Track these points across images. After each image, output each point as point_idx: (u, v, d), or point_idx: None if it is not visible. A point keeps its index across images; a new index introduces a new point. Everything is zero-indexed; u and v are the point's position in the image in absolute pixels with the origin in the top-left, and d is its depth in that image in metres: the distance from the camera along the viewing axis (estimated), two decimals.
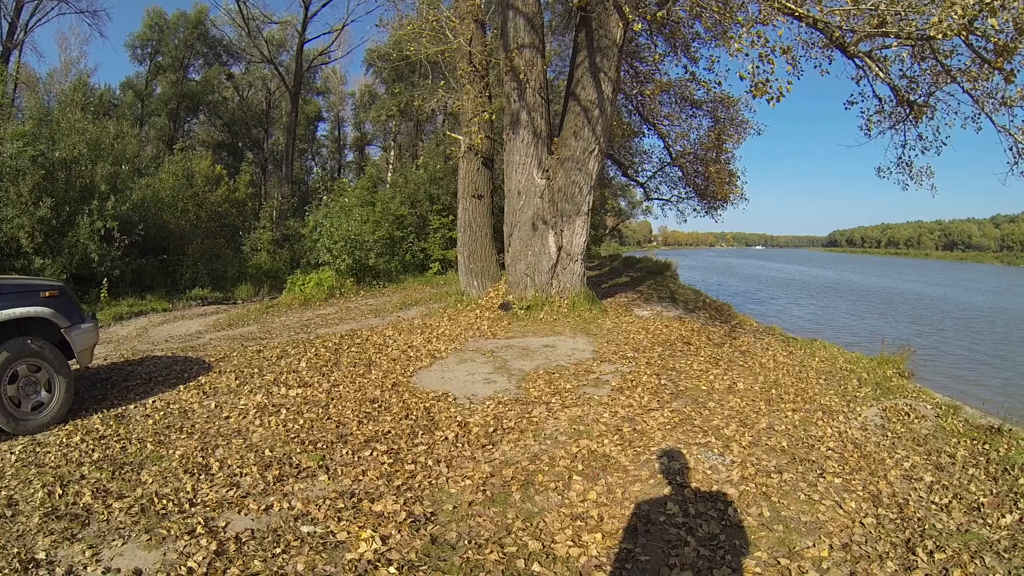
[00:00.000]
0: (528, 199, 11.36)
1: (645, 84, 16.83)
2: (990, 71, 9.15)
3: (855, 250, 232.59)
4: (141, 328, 12.78)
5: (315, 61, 39.36)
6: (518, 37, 11.01)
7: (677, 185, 22.60)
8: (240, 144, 43.71)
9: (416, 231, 22.07)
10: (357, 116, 50.05)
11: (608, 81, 10.88)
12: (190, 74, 41.43)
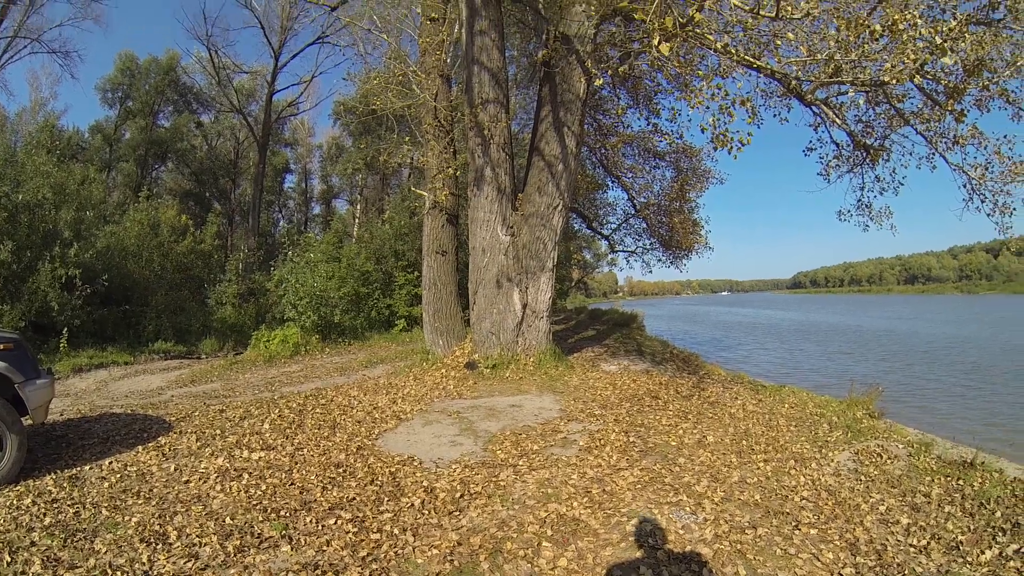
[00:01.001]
0: (492, 256, 11.41)
1: (608, 137, 17.28)
2: (942, 112, 9.60)
3: (819, 290, 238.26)
4: (101, 381, 12.47)
5: (284, 112, 39.69)
6: (483, 92, 11.16)
7: (642, 236, 23.00)
8: (207, 194, 43.58)
9: (382, 287, 22.03)
10: (324, 169, 50.54)
11: (572, 135, 11.07)
12: (159, 120, 41.52)
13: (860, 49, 7.31)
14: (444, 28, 12.29)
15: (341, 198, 51.68)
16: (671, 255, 22.23)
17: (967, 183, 10.72)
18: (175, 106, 42.18)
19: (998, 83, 9.31)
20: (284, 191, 51.82)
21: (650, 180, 19.93)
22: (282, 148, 48.29)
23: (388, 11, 13.89)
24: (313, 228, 48.14)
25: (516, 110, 18.18)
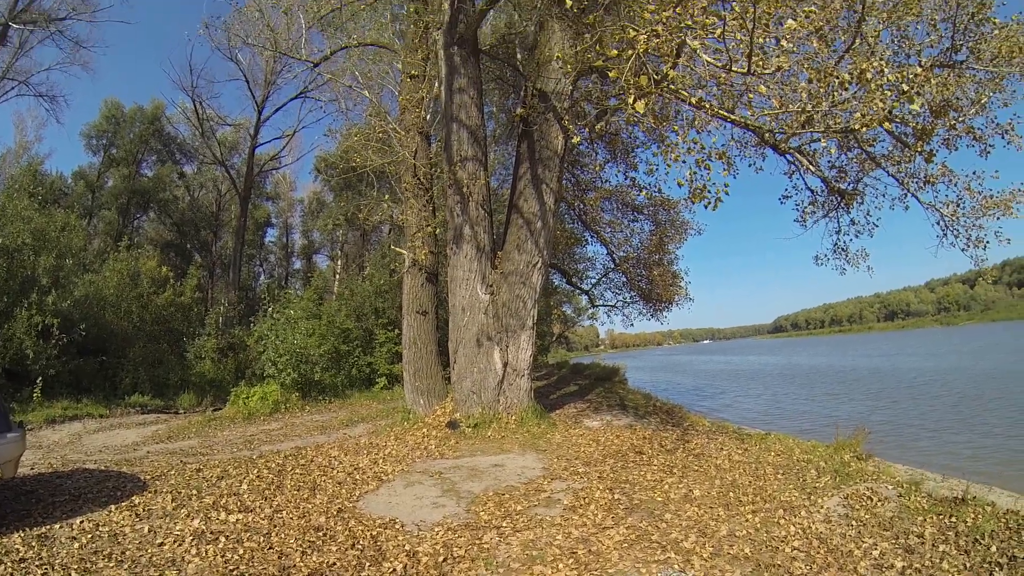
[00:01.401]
0: (472, 315, 11.40)
1: (587, 192, 17.55)
2: (912, 154, 9.87)
3: (800, 333, 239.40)
4: (75, 434, 12.22)
5: (266, 166, 39.92)
6: (461, 150, 11.28)
7: (622, 290, 23.04)
8: (189, 245, 43.41)
9: (362, 345, 21.96)
10: (305, 223, 50.61)
11: (550, 192, 11.19)
12: (143, 169, 41.44)
13: (830, 98, 7.55)
14: (424, 85, 12.53)
15: (322, 253, 51.75)
16: (651, 308, 22.31)
17: (940, 220, 10.98)
18: (159, 156, 42.27)
19: (964, 121, 9.69)
20: (265, 245, 51.77)
21: (629, 234, 20.24)
22: (264, 202, 48.42)
23: (370, 67, 14.18)
24: (294, 283, 48.02)
25: (495, 165, 18.47)
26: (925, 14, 9.44)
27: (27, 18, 26.64)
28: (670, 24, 6.77)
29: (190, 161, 43.34)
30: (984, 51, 9.39)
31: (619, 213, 19.45)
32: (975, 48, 9.44)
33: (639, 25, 6.94)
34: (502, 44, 13.93)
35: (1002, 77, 9.61)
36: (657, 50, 7.01)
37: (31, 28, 27.05)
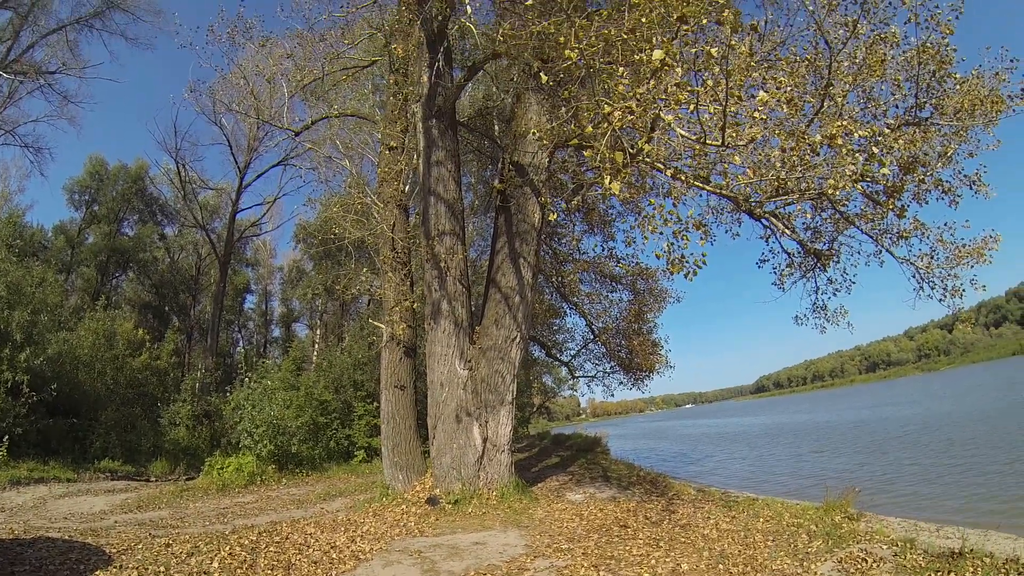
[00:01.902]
0: (451, 391, 11.24)
1: (565, 264, 17.64)
2: (884, 211, 9.93)
3: (783, 391, 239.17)
4: (40, 498, 11.77)
5: (246, 232, 39.96)
6: (439, 224, 11.29)
7: (601, 361, 22.86)
8: (167, 308, 43.04)
9: (340, 417, 21.67)
10: (285, 292, 50.56)
11: (528, 266, 11.16)
12: (124, 228, 41.36)
13: (803, 162, 7.65)
14: (403, 157, 12.62)
15: (301, 322, 51.69)
16: (632, 377, 22.13)
17: (916, 273, 11.04)
18: (140, 215, 42.24)
19: (932, 175, 9.87)
20: (244, 311, 51.58)
21: (607, 304, 20.25)
22: (244, 268, 48.42)
23: (350, 136, 14.32)
24: (272, 351, 47.64)
25: (474, 237, 18.60)
26: (889, 74, 9.71)
27: (18, 68, 26.91)
28: (644, 99, 6.88)
29: (171, 223, 43.38)
30: (947, 106, 9.65)
31: (597, 284, 19.54)
32: (939, 104, 9.70)
33: (613, 99, 7.05)
34: (480, 116, 14.16)
35: (966, 129, 9.84)
36: (632, 125, 7.10)
37: (21, 79, 27.29)
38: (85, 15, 28.04)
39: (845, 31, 9.13)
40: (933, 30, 9.30)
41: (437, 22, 10.41)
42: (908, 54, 9.56)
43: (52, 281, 20.03)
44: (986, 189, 10.55)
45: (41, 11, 27.51)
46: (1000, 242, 10.30)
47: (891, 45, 9.41)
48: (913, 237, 10.89)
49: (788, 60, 8.89)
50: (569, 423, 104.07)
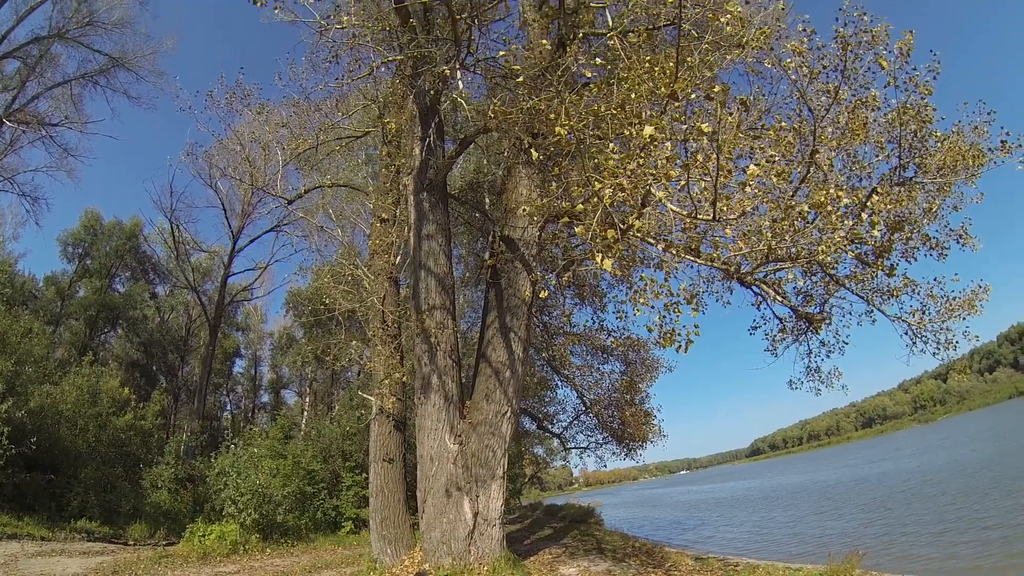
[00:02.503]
0: (441, 465, 11.00)
1: (555, 337, 17.55)
2: (873, 271, 9.96)
3: (779, 453, 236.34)
4: (11, 556, 11.37)
5: (238, 296, 39.88)
6: (429, 298, 11.23)
7: (594, 432, 22.54)
8: (155, 367, 42.64)
9: (328, 487, 21.30)
10: (275, 358, 50.25)
11: (519, 341, 11.06)
12: (115, 284, 41.25)
13: (792, 229, 7.66)
14: (394, 229, 12.66)
15: (290, 389, 51.26)
16: (625, 447, 21.75)
17: (908, 330, 11.01)
18: (133, 273, 42.23)
19: (919, 232, 10.01)
20: (233, 375, 51.11)
21: (599, 376, 20.09)
22: (234, 332, 48.25)
23: (343, 205, 14.40)
24: (261, 417, 47.07)
25: (465, 309, 18.58)
26: (872, 137, 9.86)
27: (21, 118, 27.13)
28: (635, 176, 6.92)
29: (163, 282, 43.35)
30: (930, 164, 9.75)
31: (589, 356, 19.44)
32: (922, 162, 9.80)
33: (604, 175, 7.09)
34: (471, 189, 14.27)
35: (950, 184, 9.94)
36: (623, 202, 7.12)
37: (24, 128, 27.48)
38: (91, 71, 28.61)
39: (827, 98, 9.28)
40: (912, 92, 9.45)
41: (430, 96, 10.55)
42: (889, 116, 9.69)
43: (39, 332, 19.80)
44: (973, 241, 10.67)
45: (48, 64, 28.04)
46: (990, 292, 10.37)
47: (872, 108, 9.57)
48: (904, 294, 10.92)
49: (775, 128, 9.00)
50: (562, 493, 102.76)
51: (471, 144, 11.23)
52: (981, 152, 9.83)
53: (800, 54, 9.24)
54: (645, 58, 8.46)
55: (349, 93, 13.10)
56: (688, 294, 7.59)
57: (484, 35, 10.47)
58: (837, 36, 9.25)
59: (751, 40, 9.55)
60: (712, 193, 7.08)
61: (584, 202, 7.78)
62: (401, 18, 10.04)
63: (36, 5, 26.48)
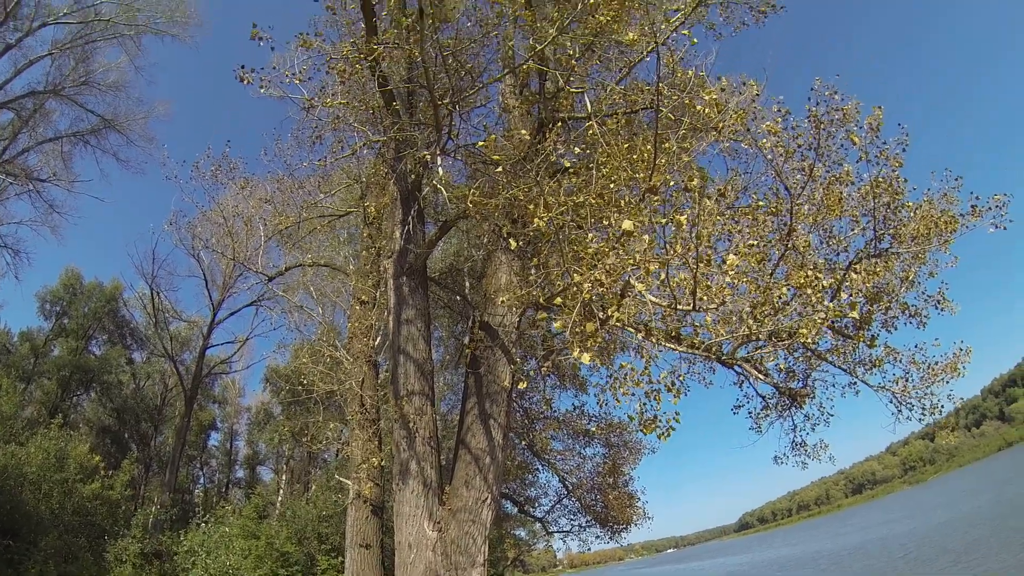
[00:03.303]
0: (419, 552, 10.60)
1: (535, 422, 17.34)
2: (855, 344, 10.00)
3: (768, 526, 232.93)
4: None
5: (216, 368, 39.32)
6: (408, 384, 11.07)
7: (576, 515, 21.93)
8: (127, 435, 41.62)
9: (303, 571, 20.46)
10: (251, 433, 49.25)
11: (499, 427, 10.90)
12: (91, 347, 40.64)
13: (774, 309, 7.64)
14: (373, 313, 12.57)
15: (266, 465, 50.19)
16: (609, 530, 21.17)
17: (893, 399, 10.94)
18: (110, 336, 41.60)
19: (898, 300, 10.11)
20: (207, 448, 49.84)
21: (580, 461, 19.80)
22: (210, 404, 47.37)
23: (323, 284, 14.32)
24: (235, 493, 45.76)
25: (444, 391, 18.42)
26: (847, 211, 10.00)
27: (10, 169, 27.21)
28: (614, 270, 6.92)
29: (140, 348, 42.71)
30: (904, 234, 9.94)
31: (570, 440, 19.11)
32: (896, 233, 9.98)
33: (583, 264, 7.09)
34: (451, 272, 14.26)
35: (925, 252, 10.09)
36: (601, 296, 7.10)
37: (11, 180, 27.52)
38: (83, 130, 29.04)
39: (803, 175, 9.45)
40: (884, 165, 9.75)
41: (411, 180, 10.61)
42: (863, 189, 9.92)
43: (9, 389, 19.27)
44: (951, 305, 10.77)
45: (41, 118, 28.41)
46: (972, 353, 10.38)
47: (846, 183, 9.80)
48: (886, 363, 10.90)
49: (752, 209, 9.11)
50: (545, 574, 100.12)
51: (451, 229, 11.24)
52: (953, 219, 10.05)
53: (775, 134, 9.46)
54: (623, 144, 8.61)
55: (332, 172, 13.20)
56: (668, 381, 7.52)
57: (465, 121, 10.62)
58: (810, 115, 9.50)
59: (727, 125, 9.77)
60: (692, 283, 7.10)
61: (563, 290, 7.77)
62: (385, 100, 10.17)
63: (35, 59, 27.07)
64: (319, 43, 10.16)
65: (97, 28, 27.17)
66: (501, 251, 11.14)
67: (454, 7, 10.00)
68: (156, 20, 27.74)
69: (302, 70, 10.14)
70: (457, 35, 10.00)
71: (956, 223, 10.05)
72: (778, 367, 12.38)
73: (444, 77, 9.59)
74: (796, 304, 8.05)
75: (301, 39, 10.14)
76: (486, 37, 10.31)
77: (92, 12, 26.84)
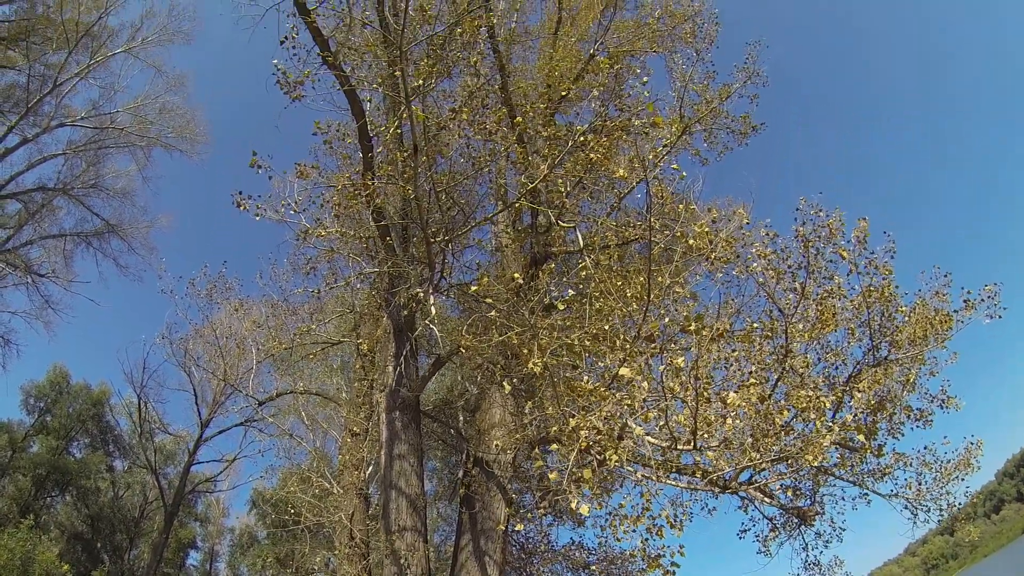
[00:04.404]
0: None
1: (533, 557, 16.76)
2: (862, 455, 9.71)
3: None
4: None
5: (200, 486, 37.84)
6: (400, 519, 10.69)
7: None
8: (100, 545, 39.71)
9: None
10: (233, 556, 46.88)
11: (494, 564, 10.56)
12: (72, 448, 39.45)
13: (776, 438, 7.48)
14: (365, 445, 12.34)
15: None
16: None
17: (907, 505, 10.69)
18: (92, 440, 40.57)
19: (901, 405, 9.99)
20: (186, 567, 47.26)
21: None
22: (191, 522, 45.49)
23: (315, 410, 14.11)
24: None
25: (438, 522, 17.89)
26: (841, 323, 9.93)
27: (10, 259, 27.20)
28: (611, 416, 6.81)
29: (123, 457, 41.51)
30: (902, 339, 9.90)
31: (569, 574, 18.47)
32: (893, 339, 9.91)
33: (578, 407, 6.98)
34: (445, 405, 14.12)
35: (923, 353, 10.02)
36: (599, 443, 6.96)
37: (10, 271, 27.39)
38: (86, 231, 29.32)
39: (795, 295, 9.49)
40: (874, 274, 9.80)
41: (404, 314, 10.60)
42: (856, 300, 9.91)
43: None
44: (955, 402, 10.70)
45: (48, 214, 28.81)
46: (983, 446, 10.28)
47: (838, 297, 9.77)
48: (896, 470, 10.67)
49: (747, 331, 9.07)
50: None
51: (445, 364, 11.16)
52: (948, 317, 10.12)
53: (765, 257, 9.55)
54: (617, 280, 8.64)
55: (327, 299, 13.23)
56: (670, 515, 7.32)
57: (458, 259, 10.73)
58: (798, 235, 9.63)
59: (719, 255, 9.87)
60: (691, 423, 7.00)
61: (559, 430, 7.63)
62: (380, 233, 10.28)
63: (49, 157, 27.70)
64: (316, 175, 10.41)
65: (111, 135, 28.12)
66: (495, 387, 11.03)
67: (448, 143, 10.28)
68: (167, 134, 28.70)
69: (298, 200, 10.34)
70: (451, 170, 10.25)
71: (951, 321, 10.14)
72: (783, 487, 12.09)
73: (438, 213, 9.75)
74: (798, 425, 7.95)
75: (298, 170, 10.41)
76: (479, 173, 10.57)
77: (108, 119, 27.81)
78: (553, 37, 13.69)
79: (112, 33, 27.17)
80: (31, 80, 25.57)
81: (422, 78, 8.74)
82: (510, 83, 11.77)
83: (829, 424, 7.81)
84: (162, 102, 28.53)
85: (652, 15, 14.35)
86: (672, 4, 14.48)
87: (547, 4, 14.25)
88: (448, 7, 10.26)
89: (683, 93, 13.32)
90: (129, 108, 27.94)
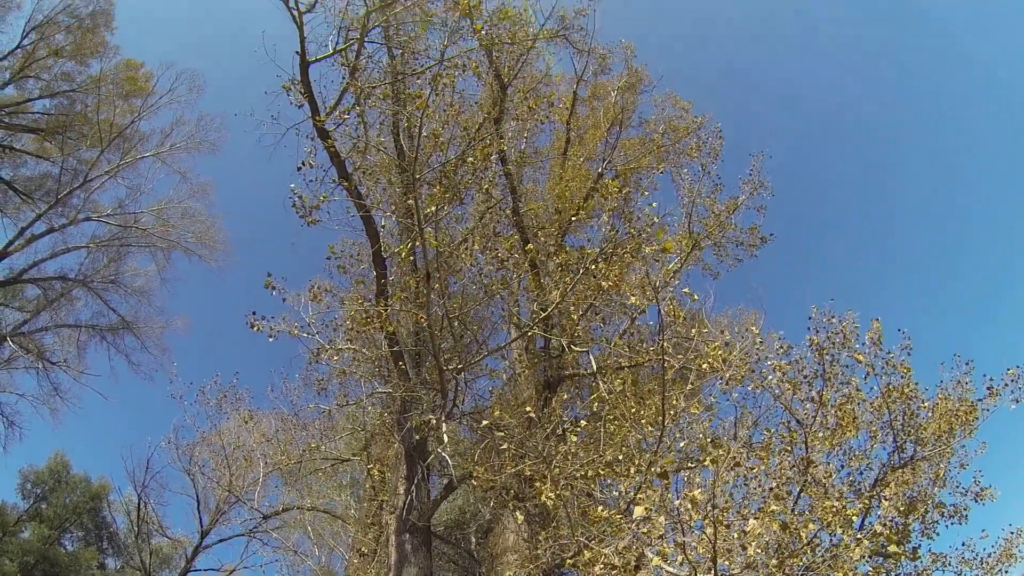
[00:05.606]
0: None
1: None
2: (896, 560, 9.20)
3: None
4: None
5: None
6: None
7: None
8: None
9: None
10: None
11: None
12: (64, 540, 37.84)
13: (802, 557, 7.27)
14: (372, 566, 12.06)
15: None
16: None
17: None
18: (86, 535, 39.18)
19: (933, 503, 9.72)
20: None
21: None
22: None
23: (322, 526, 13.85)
24: None
25: None
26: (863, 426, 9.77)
27: (24, 343, 27.14)
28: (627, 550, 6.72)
29: (116, 555, 39.85)
30: (927, 436, 9.64)
31: None
32: (918, 437, 9.67)
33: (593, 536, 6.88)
34: (456, 526, 13.91)
35: (951, 447, 9.79)
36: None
37: (22, 354, 27.26)
38: (102, 325, 29.42)
39: (812, 405, 9.35)
40: (892, 374, 9.66)
41: (416, 439, 10.59)
42: (876, 402, 9.75)
43: None
44: (989, 492, 10.43)
45: (65, 303, 28.99)
46: None
47: (857, 401, 9.61)
48: (935, 572, 10.20)
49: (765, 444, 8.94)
50: None
51: (456, 488, 11.05)
52: (972, 406, 9.86)
53: (780, 370, 9.48)
54: (630, 405, 8.65)
55: (338, 416, 13.21)
56: None
57: (470, 386, 10.77)
58: (811, 343, 9.59)
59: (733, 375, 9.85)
60: (711, 552, 6.88)
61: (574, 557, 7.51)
62: (393, 357, 10.37)
63: (72, 248, 27.98)
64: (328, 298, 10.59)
65: (134, 234, 28.53)
66: (508, 512, 10.88)
67: (460, 268, 10.47)
68: (187, 238, 29.10)
69: (311, 319, 10.48)
70: (463, 297, 10.40)
71: (976, 411, 9.90)
72: None
73: (451, 340, 9.87)
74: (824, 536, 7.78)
75: (312, 292, 10.62)
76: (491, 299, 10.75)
77: (132, 218, 28.27)
78: (562, 157, 14.17)
79: (143, 137, 28.23)
80: (63, 172, 26.51)
81: (435, 205, 8.96)
82: (521, 206, 12.13)
83: (857, 537, 7.64)
84: (185, 207, 29.17)
85: (656, 131, 14.82)
86: (675, 119, 14.93)
87: (555, 125, 14.75)
88: (460, 133, 10.64)
89: (691, 209, 13.61)
90: (153, 209, 28.64)
